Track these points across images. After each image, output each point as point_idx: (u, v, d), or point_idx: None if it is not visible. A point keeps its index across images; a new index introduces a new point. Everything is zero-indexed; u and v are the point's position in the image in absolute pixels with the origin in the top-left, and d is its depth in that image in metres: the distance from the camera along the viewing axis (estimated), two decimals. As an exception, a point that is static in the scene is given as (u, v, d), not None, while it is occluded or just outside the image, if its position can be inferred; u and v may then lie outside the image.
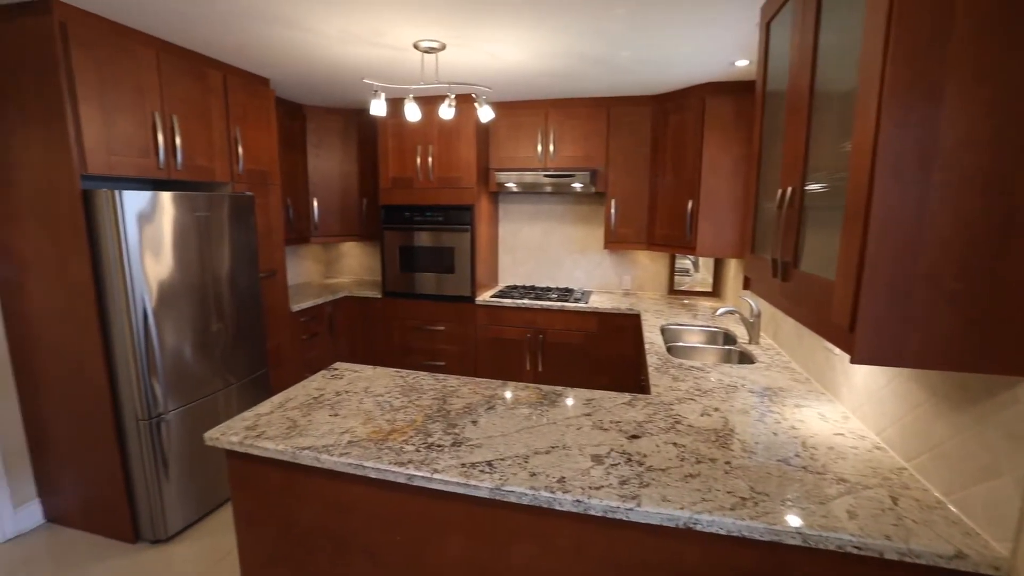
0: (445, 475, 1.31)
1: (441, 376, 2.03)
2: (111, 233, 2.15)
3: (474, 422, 1.61)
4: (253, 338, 2.88)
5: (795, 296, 1.26)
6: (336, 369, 2.10)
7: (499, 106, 3.77)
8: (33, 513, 2.57)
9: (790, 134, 1.33)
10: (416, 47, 2.54)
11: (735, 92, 3.10)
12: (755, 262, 1.62)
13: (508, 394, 1.85)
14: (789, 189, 1.30)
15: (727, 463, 1.37)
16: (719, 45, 2.51)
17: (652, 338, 2.66)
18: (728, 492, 1.24)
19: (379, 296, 3.95)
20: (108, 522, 2.44)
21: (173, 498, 2.43)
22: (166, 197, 2.32)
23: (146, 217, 2.23)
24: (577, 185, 3.62)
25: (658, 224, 3.51)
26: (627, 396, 1.84)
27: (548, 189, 3.71)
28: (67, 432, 2.42)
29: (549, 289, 4.04)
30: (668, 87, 3.34)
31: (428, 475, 1.31)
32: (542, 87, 3.37)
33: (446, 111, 2.58)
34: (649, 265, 4.03)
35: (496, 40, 2.48)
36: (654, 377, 2.05)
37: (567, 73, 3.03)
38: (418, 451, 1.43)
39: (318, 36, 2.44)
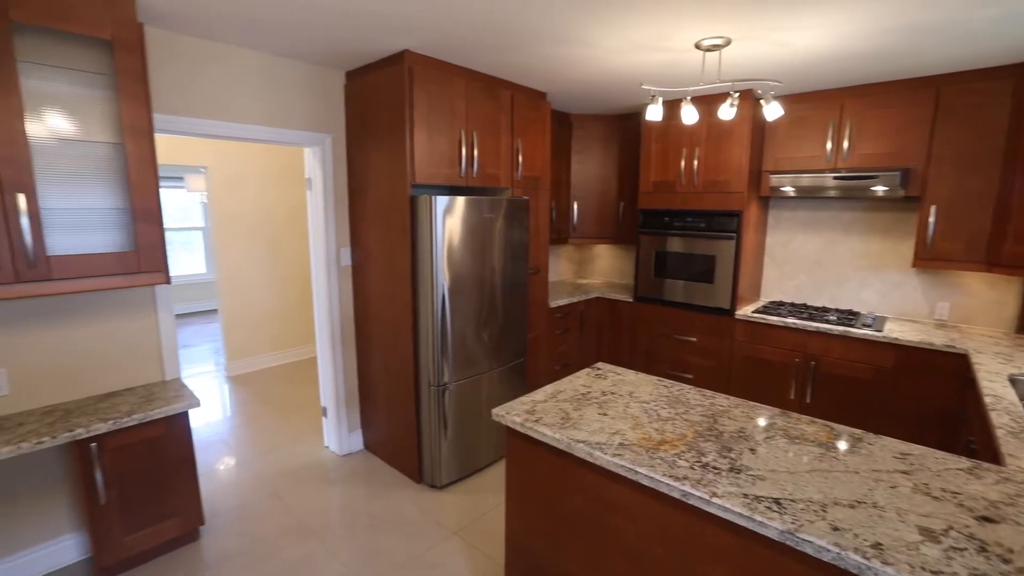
0: (725, 502, 1.22)
1: (708, 392, 1.91)
2: (427, 230, 2.65)
3: (752, 450, 1.47)
4: (518, 328, 3.21)
5: None
6: (599, 369, 2.17)
7: (780, 100, 3.36)
8: (357, 440, 3.38)
9: None
10: (698, 46, 2.44)
11: None
12: None
13: (789, 425, 1.63)
14: None
15: None
16: None
17: (996, 390, 2.02)
18: None
19: (629, 300, 3.97)
20: (402, 461, 3.04)
21: (447, 454, 2.88)
22: (465, 201, 2.74)
23: (450, 218, 2.68)
24: (880, 188, 2.99)
25: (1010, 239, 2.64)
26: (964, 461, 1.43)
27: (832, 193, 3.16)
28: (382, 384, 3.10)
29: (826, 310, 3.45)
30: (1044, 53, 2.48)
31: (705, 497, 1.24)
32: (839, 73, 2.88)
33: (726, 111, 2.41)
34: (983, 292, 3.08)
35: (790, 28, 2.21)
36: (1008, 444, 1.54)
37: (879, 52, 2.51)
38: (692, 469, 1.36)
39: (597, 49, 2.56)
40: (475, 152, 2.95)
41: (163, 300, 2.46)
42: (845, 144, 3.12)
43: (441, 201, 2.62)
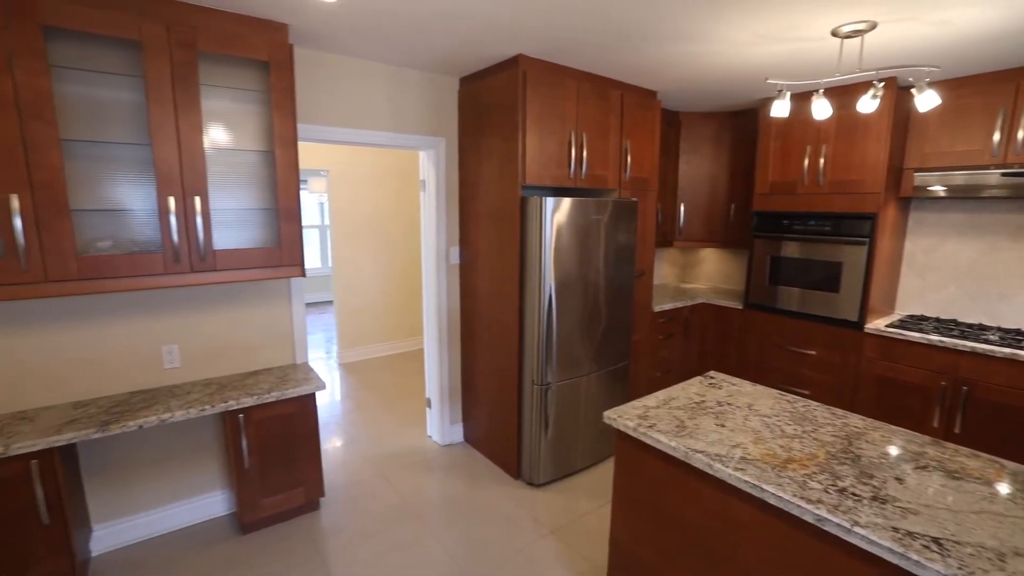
0: (871, 533, 1.11)
1: (838, 411, 1.75)
2: (536, 231, 2.69)
3: (899, 480, 1.32)
4: (621, 331, 3.16)
5: None
6: (713, 378, 2.07)
7: (935, 87, 2.98)
8: (458, 432, 3.51)
9: None
10: (835, 34, 2.24)
11: None
12: None
13: (945, 457, 1.44)
14: None
15: None
16: None
17: None
18: None
19: (738, 307, 3.74)
20: (501, 456, 3.11)
21: (546, 453, 2.90)
22: (574, 202, 2.75)
23: (560, 219, 2.70)
24: (1061, 187, 2.54)
25: None
26: None
27: (996, 193, 2.74)
28: (485, 380, 3.19)
29: (984, 328, 3.00)
30: None
31: (845, 525, 1.14)
32: (1013, 51, 2.49)
33: (867, 103, 2.18)
34: None
35: (950, 4, 1.95)
36: None
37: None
38: (827, 492, 1.25)
39: (718, 44, 2.43)
40: (584, 153, 2.94)
41: (296, 291, 2.73)
42: (1021, 134, 2.68)
43: (551, 202, 2.65)
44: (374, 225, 5.27)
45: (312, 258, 8.52)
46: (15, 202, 1.78)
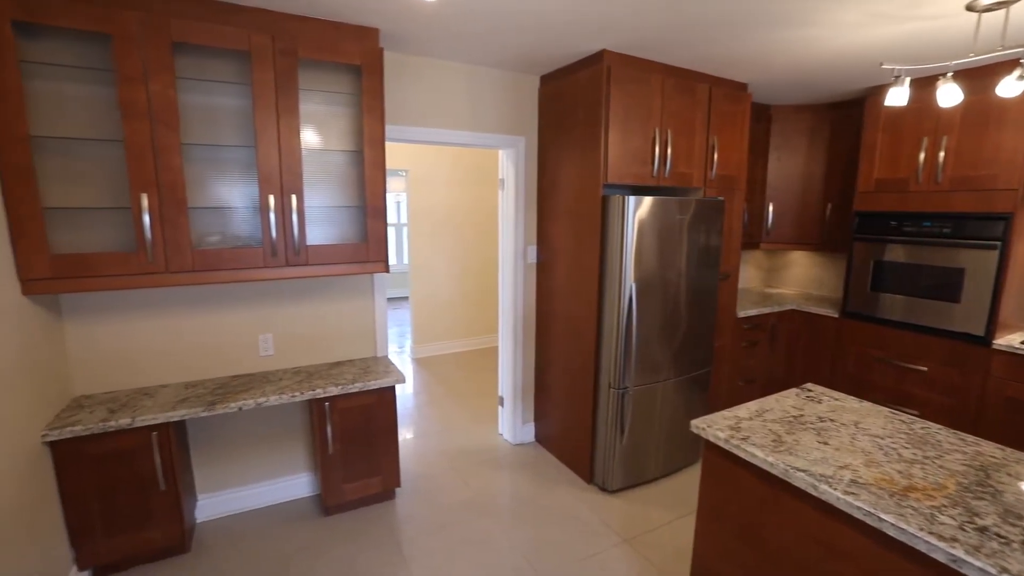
0: (1021, 582, 0.96)
1: (968, 437, 1.55)
2: (617, 230, 2.61)
3: (1052, 521, 1.14)
4: (703, 336, 3.00)
5: None
6: (811, 390, 1.91)
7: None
8: (529, 432, 3.50)
9: None
10: (971, 8, 1.99)
11: None
12: None
13: (1110, 498, 1.23)
14: None
15: None
16: None
17: None
18: None
19: (834, 315, 3.45)
20: (573, 459, 3.06)
21: (620, 459, 2.81)
22: (658, 201, 2.64)
23: (642, 218, 2.61)
24: None
25: None
26: None
27: None
28: (559, 381, 3.15)
29: None
30: None
31: (991, 571, 0.99)
32: None
33: (1011, 86, 1.91)
34: None
35: None
36: None
37: None
38: (963, 530, 1.11)
39: (824, 28, 2.24)
40: (668, 151, 2.82)
41: (379, 287, 2.83)
42: None
43: (633, 201, 2.56)
44: (450, 225, 5.38)
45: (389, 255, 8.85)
46: (145, 201, 1.97)
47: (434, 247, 5.34)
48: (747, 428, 1.58)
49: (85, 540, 2.04)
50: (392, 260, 8.89)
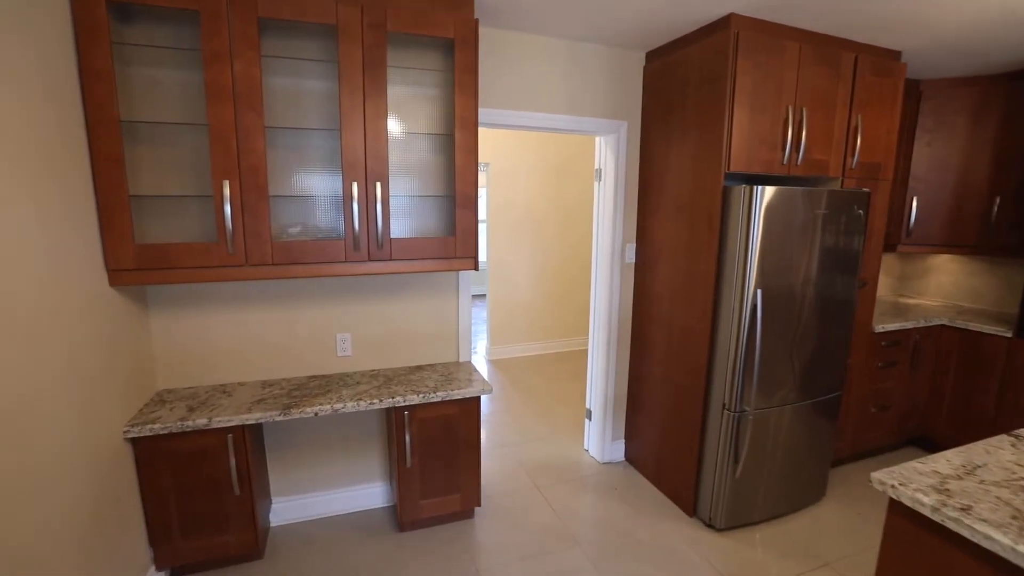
0: None
1: None
2: (739, 228, 2.21)
3: None
4: (835, 355, 2.52)
5: None
6: (1034, 441, 1.44)
7: None
8: (619, 450, 3.15)
9: None
10: None
11: None
12: None
13: None
14: None
15: None
16: None
17: None
18: None
19: (1006, 334, 2.81)
20: (673, 486, 2.68)
21: (731, 493, 2.40)
22: (794, 193, 2.21)
23: (771, 213, 2.19)
24: None
25: None
26: None
27: None
28: (659, 396, 2.78)
29: None
30: None
31: None
32: None
33: None
34: None
35: None
36: None
37: None
38: None
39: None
40: (802, 133, 2.37)
41: (464, 285, 2.60)
42: None
43: (763, 192, 2.15)
44: (530, 220, 5.12)
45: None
46: (227, 188, 1.84)
47: (514, 243, 5.10)
48: (960, 492, 1.17)
49: (163, 540, 1.96)
50: (466, 257, 8.73)
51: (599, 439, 3.11)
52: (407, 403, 2.17)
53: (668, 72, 2.57)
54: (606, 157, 2.84)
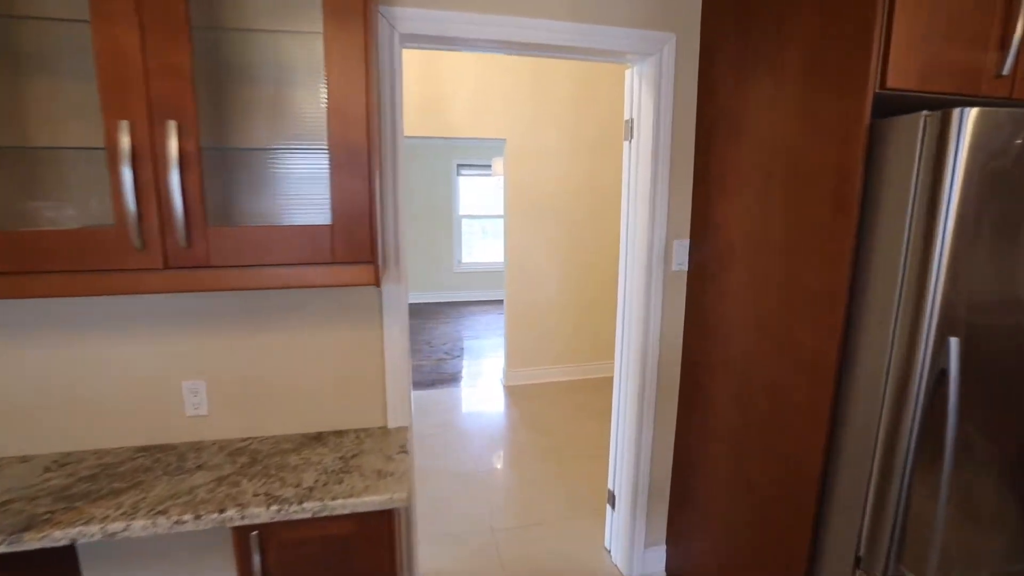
0: None
1: None
2: (909, 203, 1.06)
3: None
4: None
5: None
6: None
7: None
8: (657, 559, 2.05)
9: None
10: None
11: None
12: None
13: None
14: None
15: None
16: None
17: None
18: None
19: None
20: (748, 658, 1.55)
21: None
22: (1028, 129, 1.03)
23: (989, 169, 1.02)
24: None
25: None
26: None
27: None
28: (722, 482, 1.66)
29: None
30: None
31: None
32: None
33: None
34: None
35: None
36: None
37: None
38: None
39: None
40: (1037, 16, 1.17)
41: (394, 304, 1.59)
42: None
43: (970, 121, 1.00)
44: (554, 211, 4.03)
45: (496, 252, 7.75)
46: None
47: (536, 242, 4.04)
48: None
49: None
50: (495, 257, 7.73)
51: (627, 540, 2.01)
52: (251, 521, 1.20)
53: (753, -68, 1.44)
54: (642, 98, 1.74)
